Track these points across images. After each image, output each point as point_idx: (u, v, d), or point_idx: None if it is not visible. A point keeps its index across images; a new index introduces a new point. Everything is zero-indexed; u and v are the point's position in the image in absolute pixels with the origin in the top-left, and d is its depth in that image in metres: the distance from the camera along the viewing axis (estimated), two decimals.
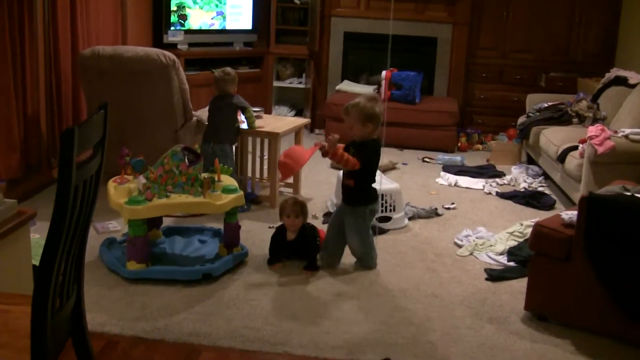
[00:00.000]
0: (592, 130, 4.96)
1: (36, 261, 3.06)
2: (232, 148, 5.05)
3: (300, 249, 4.11)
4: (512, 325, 3.48)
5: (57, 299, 2.03)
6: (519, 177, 6.32)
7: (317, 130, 8.01)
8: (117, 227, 4.54)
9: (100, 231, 4.46)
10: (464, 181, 6.14)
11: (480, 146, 7.66)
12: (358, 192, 4.00)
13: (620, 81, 6.27)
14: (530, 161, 6.78)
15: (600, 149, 4.79)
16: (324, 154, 3.88)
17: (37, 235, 3.85)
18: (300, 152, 4.00)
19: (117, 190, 3.87)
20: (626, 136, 4.90)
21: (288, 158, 3.92)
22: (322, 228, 4.39)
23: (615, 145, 4.81)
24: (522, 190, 5.88)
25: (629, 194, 3.47)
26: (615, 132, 5.00)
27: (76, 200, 1.91)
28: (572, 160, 5.17)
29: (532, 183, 6.12)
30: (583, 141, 5.06)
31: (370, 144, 3.95)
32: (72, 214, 1.89)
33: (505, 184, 6.16)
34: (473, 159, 7.03)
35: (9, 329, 2.09)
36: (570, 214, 3.45)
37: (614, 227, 3.18)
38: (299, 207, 4.08)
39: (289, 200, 4.15)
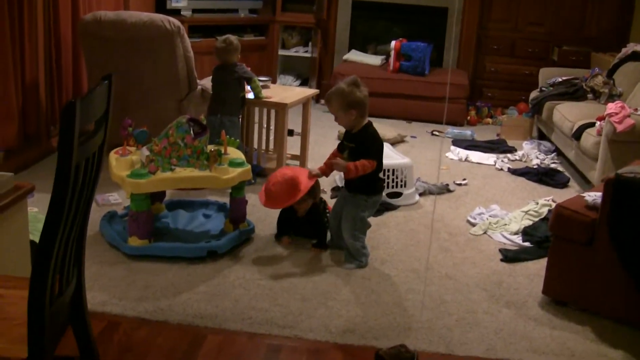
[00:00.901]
0: (612, 107, 4.78)
1: (34, 237, 2.93)
2: (239, 119, 4.88)
3: (309, 226, 3.94)
4: (530, 310, 3.34)
5: (56, 284, 1.87)
6: (530, 153, 6.15)
7: (322, 101, 7.81)
8: (118, 199, 4.38)
9: (101, 203, 4.30)
10: (475, 156, 5.96)
11: (490, 120, 7.48)
12: (362, 181, 3.66)
13: (638, 56, 6.08)
14: (542, 137, 6.61)
15: (619, 127, 4.61)
16: (327, 175, 3.82)
17: (35, 209, 3.71)
18: (293, 186, 3.70)
19: (119, 162, 3.70)
20: None
21: (279, 188, 3.71)
22: (330, 203, 4.22)
23: (635, 123, 4.62)
24: (535, 167, 5.70)
25: None
26: (635, 109, 4.82)
27: (77, 179, 1.75)
28: (588, 137, 5.00)
29: (544, 159, 5.95)
30: (601, 118, 4.88)
31: (367, 134, 3.63)
32: (72, 193, 1.73)
33: (517, 159, 5.99)
34: (483, 134, 6.85)
35: (3, 316, 1.93)
36: (593, 196, 3.29)
37: None
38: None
39: None
